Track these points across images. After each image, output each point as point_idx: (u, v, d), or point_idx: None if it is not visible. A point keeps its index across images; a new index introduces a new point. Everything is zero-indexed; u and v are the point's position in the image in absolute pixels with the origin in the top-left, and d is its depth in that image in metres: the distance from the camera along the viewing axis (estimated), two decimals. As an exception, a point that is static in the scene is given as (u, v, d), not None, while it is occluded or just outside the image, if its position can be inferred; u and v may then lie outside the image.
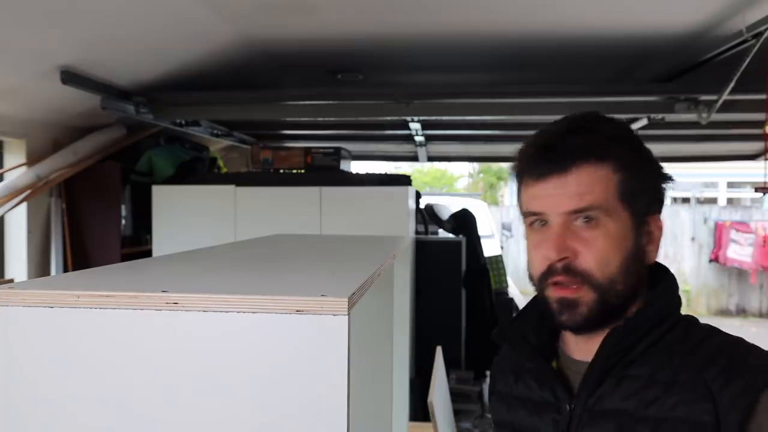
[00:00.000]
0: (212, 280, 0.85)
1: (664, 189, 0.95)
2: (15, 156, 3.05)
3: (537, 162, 0.92)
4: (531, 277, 0.95)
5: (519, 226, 12.26)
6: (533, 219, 0.93)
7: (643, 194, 0.91)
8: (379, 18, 2.29)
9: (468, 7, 2.18)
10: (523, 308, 1.05)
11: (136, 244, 3.55)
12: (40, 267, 3.20)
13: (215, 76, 2.94)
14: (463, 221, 3.95)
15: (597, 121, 0.93)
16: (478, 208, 6.50)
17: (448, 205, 4.47)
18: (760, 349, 0.86)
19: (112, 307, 0.68)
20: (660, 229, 0.94)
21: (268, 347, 0.68)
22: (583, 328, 0.91)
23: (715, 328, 0.91)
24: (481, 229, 4.14)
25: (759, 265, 9.25)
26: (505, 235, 10.38)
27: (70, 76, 2.48)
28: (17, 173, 2.97)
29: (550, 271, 0.90)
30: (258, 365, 0.68)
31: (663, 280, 0.94)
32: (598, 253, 0.88)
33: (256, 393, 0.68)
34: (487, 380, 4.13)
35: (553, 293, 0.91)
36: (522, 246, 1.13)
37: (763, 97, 2.50)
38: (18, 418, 0.70)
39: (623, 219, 0.89)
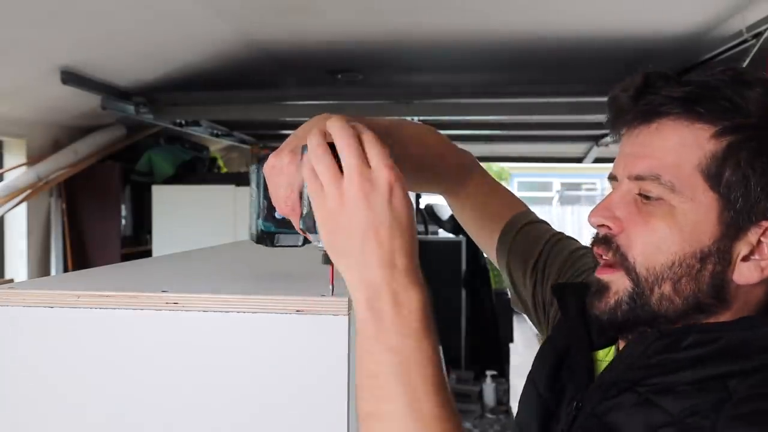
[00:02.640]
0: (212, 280, 0.85)
1: None
2: (15, 156, 3.05)
3: (621, 110, 0.71)
4: None
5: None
6: (611, 183, 0.73)
7: (758, 185, 0.63)
8: (379, 18, 2.29)
9: (468, 8, 2.18)
10: None
11: (136, 244, 3.55)
12: (40, 267, 3.20)
13: (215, 76, 2.94)
14: (463, 221, 3.95)
15: (726, 74, 0.67)
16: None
17: (447, 205, 4.47)
18: None
19: (112, 307, 0.68)
20: None
21: (269, 347, 0.68)
22: (610, 324, 0.70)
23: None
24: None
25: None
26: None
27: (70, 76, 2.48)
28: (17, 173, 2.97)
29: (592, 238, 0.72)
30: (258, 365, 0.68)
31: None
32: (648, 235, 0.66)
33: (257, 393, 0.68)
34: (488, 380, 4.13)
35: (596, 270, 0.72)
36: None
37: (763, 97, 2.49)
38: (18, 417, 0.70)
39: (704, 205, 0.64)
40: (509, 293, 1.02)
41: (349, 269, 0.60)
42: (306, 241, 0.73)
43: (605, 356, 0.77)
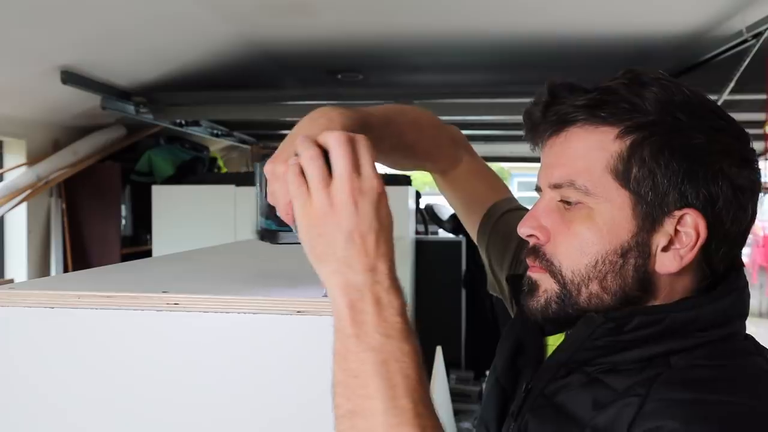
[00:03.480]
0: (212, 281, 0.85)
1: (719, 178, 0.66)
2: (15, 156, 3.05)
3: (537, 122, 0.74)
4: None
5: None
6: (538, 193, 0.76)
7: (666, 177, 0.66)
8: (379, 18, 2.29)
9: (468, 7, 2.18)
10: None
11: (136, 244, 3.55)
12: (40, 267, 3.20)
13: (215, 76, 2.94)
14: (463, 221, 3.94)
15: (625, 77, 0.70)
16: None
17: (448, 205, 4.47)
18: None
19: (112, 308, 0.68)
20: (697, 230, 0.66)
21: (269, 348, 0.68)
22: (544, 320, 0.73)
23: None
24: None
25: (758, 265, 9.26)
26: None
27: (70, 76, 2.48)
28: (17, 173, 2.97)
29: (525, 251, 0.75)
30: (258, 366, 0.68)
31: (719, 290, 0.70)
32: (571, 240, 0.70)
33: (257, 393, 0.68)
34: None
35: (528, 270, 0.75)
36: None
37: (763, 97, 2.50)
38: (18, 417, 0.70)
39: (617, 203, 0.68)
40: (487, 275, 1.05)
41: (332, 273, 0.61)
42: None
43: (555, 342, 0.79)
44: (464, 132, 1.11)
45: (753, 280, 9.55)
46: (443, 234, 4.20)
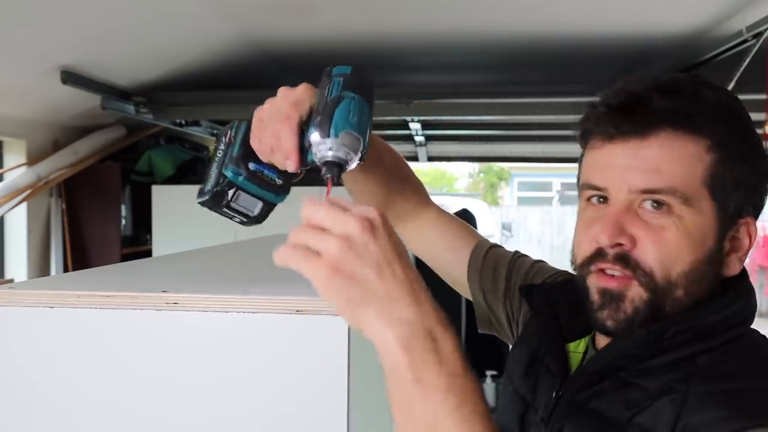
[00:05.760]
0: (212, 280, 0.85)
1: (766, 190, 0.74)
2: (15, 156, 3.05)
3: (610, 119, 0.71)
4: (573, 261, 0.77)
5: (518, 225, 12.26)
6: (592, 194, 0.74)
7: (737, 189, 0.71)
8: (379, 18, 2.29)
9: (468, 7, 2.18)
10: (565, 279, 0.87)
11: (136, 244, 3.55)
12: (40, 267, 3.20)
13: (215, 76, 2.94)
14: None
15: (696, 84, 0.72)
16: (478, 208, 6.49)
17: (448, 205, 4.47)
18: None
19: (112, 308, 0.68)
20: (751, 237, 0.72)
21: (268, 347, 0.68)
22: (625, 330, 0.71)
23: None
24: (481, 229, 4.13)
25: (758, 265, 9.25)
26: (505, 235, 10.39)
27: (70, 76, 2.48)
28: (17, 173, 2.97)
29: (597, 256, 0.72)
30: (258, 365, 0.68)
31: (733, 291, 0.73)
32: (664, 248, 0.69)
33: (256, 393, 0.68)
34: (488, 380, 4.13)
35: (596, 282, 0.72)
36: (523, 245, 1.12)
37: (763, 97, 2.50)
38: (18, 417, 0.70)
39: (706, 213, 0.70)
40: (477, 313, 1.06)
41: (376, 316, 0.55)
42: (261, 213, 0.71)
43: (576, 348, 0.82)
44: (464, 132, 1.13)
45: (753, 279, 9.54)
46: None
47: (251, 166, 0.69)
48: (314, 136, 0.65)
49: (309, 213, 0.57)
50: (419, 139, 4.29)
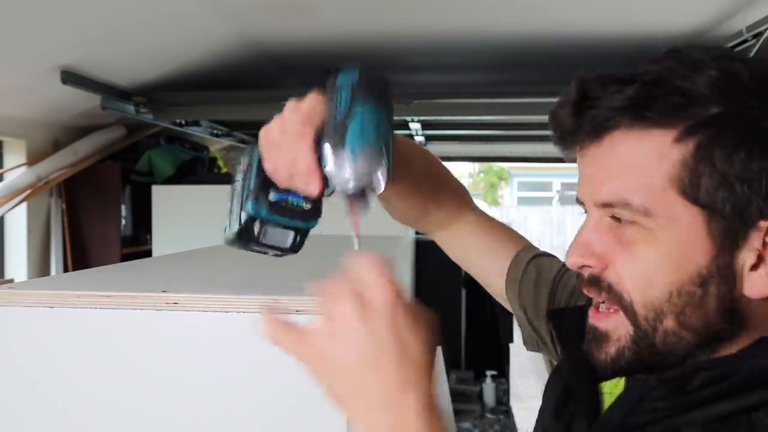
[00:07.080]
0: (212, 280, 0.85)
1: None
2: (15, 156, 3.05)
3: (567, 127, 0.61)
4: None
5: (518, 225, 12.24)
6: (581, 208, 0.64)
7: (736, 184, 0.53)
8: (379, 18, 2.29)
9: (468, 7, 2.18)
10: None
11: (136, 244, 3.55)
12: (40, 267, 3.20)
13: (215, 76, 2.94)
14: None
15: (672, 62, 0.57)
16: (478, 208, 6.47)
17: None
18: None
19: (112, 307, 0.68)
20: None
21: (268, 347, 0.68)
22: (615, 373, 0.62)
23: None
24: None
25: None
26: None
27: (70, 76, 2.48)
28: (17, 173, 2.97)
29: (582, 284, 0.62)
30: (258, 365, 0.68)
31: None
32: (637, 267, 0.57)
33: (256, 392, 0.68)
34: (488, 380, 4.13)
35: (589, 316, 0.63)
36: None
37: (763, 97, 2.50)
38: (18, 417, 0.70)
39: (684, 221, 0.55)
40: (522, 332, 0.93)
41: (352, 413, 0.53)
42: (295, 243, 0.66)
43: (613, 388, 0.68)
44: (464, 132, 1.09)
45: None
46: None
47: (272, 196, 0.63)
48: (329, 169, 0.60)
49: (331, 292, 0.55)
50: (419, 139, 4.29)
